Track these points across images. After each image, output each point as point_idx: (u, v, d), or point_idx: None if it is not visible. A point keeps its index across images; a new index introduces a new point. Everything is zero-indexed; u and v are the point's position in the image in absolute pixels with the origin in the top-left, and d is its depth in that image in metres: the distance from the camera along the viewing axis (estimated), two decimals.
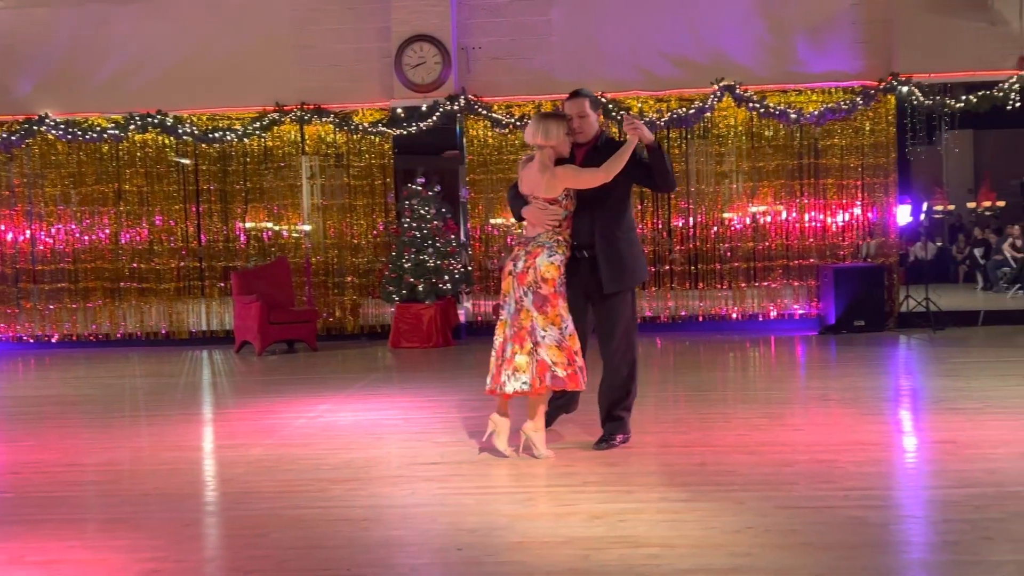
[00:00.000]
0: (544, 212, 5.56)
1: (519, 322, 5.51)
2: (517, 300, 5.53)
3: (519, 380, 5.48)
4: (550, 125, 5.60)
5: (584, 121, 5.68)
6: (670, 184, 5.79)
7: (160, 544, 4.26)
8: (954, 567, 3.71)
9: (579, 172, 5.58)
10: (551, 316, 5.49)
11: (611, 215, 5.67)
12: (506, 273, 5.63)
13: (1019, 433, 5.94)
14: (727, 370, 9.48)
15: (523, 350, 5.49)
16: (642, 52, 12.49)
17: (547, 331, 5.49)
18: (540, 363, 5.48)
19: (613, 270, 5.63)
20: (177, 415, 7.63)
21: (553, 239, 5.56)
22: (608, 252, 5.63)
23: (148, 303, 13.14)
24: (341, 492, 5.05)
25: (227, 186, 13.09)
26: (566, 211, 5.59)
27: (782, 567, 3.72)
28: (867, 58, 12.32)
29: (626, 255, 5.67)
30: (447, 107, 12.40)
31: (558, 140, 5.60)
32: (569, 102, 5.75)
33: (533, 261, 5.52)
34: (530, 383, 5.47)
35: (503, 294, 5.64)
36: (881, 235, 12.50)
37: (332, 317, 13.00)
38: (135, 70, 12.88)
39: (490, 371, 5.66)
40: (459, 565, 3.90)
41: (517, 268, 5.55)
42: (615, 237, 5.66)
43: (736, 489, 4.84)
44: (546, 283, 5.49)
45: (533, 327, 5.49)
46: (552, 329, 5.49)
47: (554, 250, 5.53)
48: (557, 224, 5.57)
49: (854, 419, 6.57)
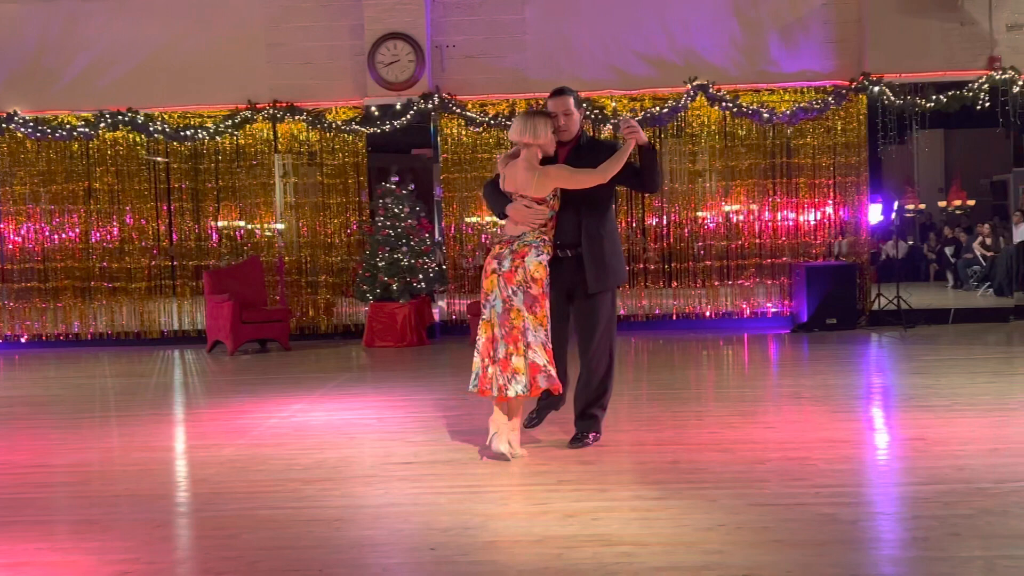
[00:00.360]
0: (531, 211, 5.53)
1: (510, 322, 5.47)
2: (506, 299, 5.48)
3: (520, 383, 5.44)
4: (538, 123, 5.58)
5: (569, 119, 5.68)
6: (657, 185, 5.84)
7: (130, 546, 4.22)
8: (923, 563, 3.74)
9: (574, 173, 5.55)
10: (540, 317, 5.49)
11: (597, 215, 5.67)
12: (489, 272, 5.57)
13: (987, 430, 6.00)
14: (700, 368, 9.52)
15: (518, 351, 5.46)
16: (615, 51, 12.52)
17: (536, 332, 5.49)
18: (532, 365, 5.46)
19: (598, 270, 5.64)
20: (148, 415, 7.57)
21: (539, 238, 5.55)
22: (593, 252, 5.64)
23: (119, 302, 13.03)
24: (313, 492, 5.03)
25: (199, 184, 12.99)
26: (552, 211, 5.58)
27: (753, 564, 3.74)
28: (839, 58, 12.40)
29: (609, 255, 5.69)
30: (421, 105, 12.38)
31: (546, 139, 5.59)
32: (553, 100, 5.73)
33: (521, 261, 5.49)
34: (528, 386, 5.46)
35: (485, 293, 5.60)
36: (853, 234, 12.59)
37: (305, 316, 12.93)
38: (105, 67, 12.76)
39: (474, 371, 5.60)
40: (432, 564, 3.90)
41: (504, 267, 5.50)
42: (600, 237, 5.67)
43: (708, 487, 4.86)
44: (536, 283, 5.48)
45: (525, 327, 5.47)
46: (540, 330, 5.50)
47: (541, 250, 5.53)
48: (543, 223, 5.56)
49: (826, 417, 6.61)
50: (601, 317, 5.71)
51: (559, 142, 5.70)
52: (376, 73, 12.34)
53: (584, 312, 5.73)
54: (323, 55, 12.66)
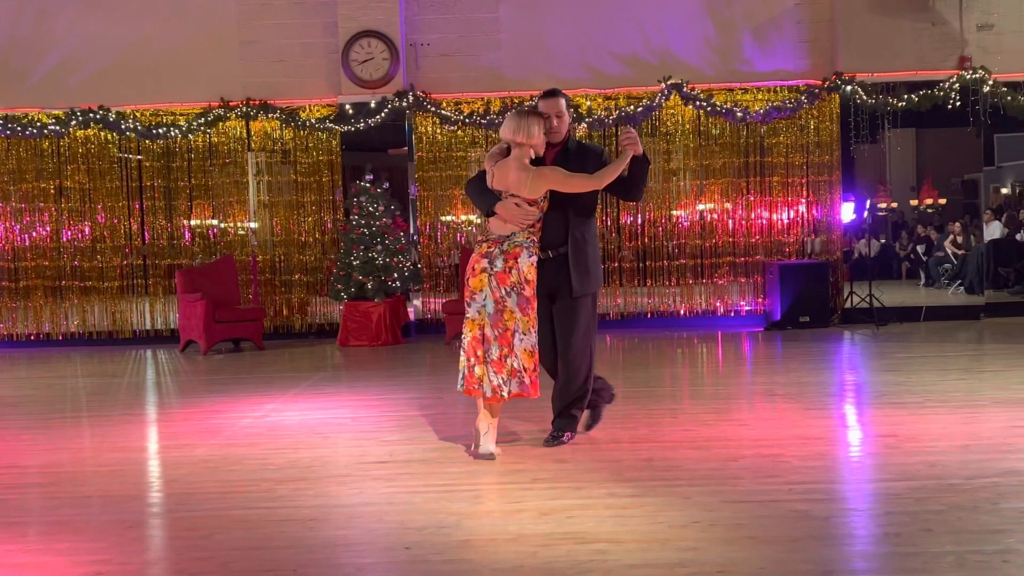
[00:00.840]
0: (521, 211, 5.51)
1: (503, 323, 5.48)
2: (498, 300, 5.47)
3: (513, 383, 5.50)
4: (532, 123, 5.56)
5: (560, 121, 5.68)
6: (641, 194, 5.90)
7: (102, 547, 4.18)
8: (895, 559, 3.77)
9: (569, 176, 5.55)
10: (531, 319, 5.52)
11: (582, 219, 5.70)
12: (478, 271, 5.53)
13: (958, 427, 6.05)
14: (675, 366, 9.55)
15: (512, 353, 5.50)
16: (590, 50, 12.53)
17: (525, 336, 5.51)
18: (511, 369, 5.50)
19: (581, 273, 5.66)
20: (120, 416, 7.51)
21: (529, 239, 5.55)
22: (577, 256, 5.66)
23: (91, 302, 12.91)
24: (287, 492, 5.00)
25: (171, 183, 12.89)
26: (542, 212, 5.58)
27: (727, 561, 3.75)
28: (811, 57, 12.48)
29: (592, 260, 5.74)
30: (395, 103, 12.35)
31: (538, 140, 5.58)
32: (545, 101, 5.73)
33: (515, 262, 5.48)
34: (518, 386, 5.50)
35: (472, 291, 5.56)
36: (826, 232, 12.68)
37: (279, 315, 12.86)
38: (76, 64, 12.65)
39: (460, 371, 5.59)
40: (406, 564, 3.89)
41: (496, 267, 5.48)
42: (584, 240, 5.70)
43: (683, 484, 4.87)
44: (528, 284, 5.50)
45: (516, 329, 5.49)
46: (530, 334, 5.52)
47: (531, 251, 5.54)
48: (531, 224, 5.55)
49: (799, 414, 6.65)
50: (581, 320, 5.71)
51: (547, 143, 5.70)
52: (350, 71, 12.30)
53: (566, 314, 5.73)
54: (297, 53, 12.61)
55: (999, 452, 5.34)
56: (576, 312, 5.70)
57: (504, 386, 5.46)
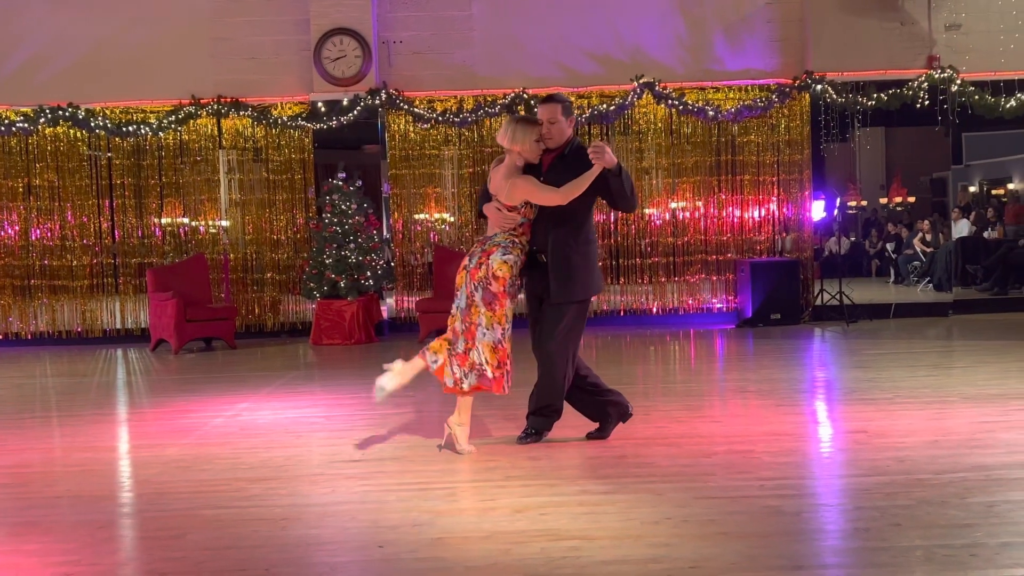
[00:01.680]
0: (501, 215, 5.57)
1: (470, 317, 5.54)
2: (468, 295, 5.55)
3: (472, 376, 5.53)
4: (517, 129, 5.57)
5: (553, 127, 5.58)
6: (630, 206, 5.70)
7: (72, 548, 4.15)
8: (865, 553, 3.81)
9: (537, 188, 5.54)
10: (497, 315, 5.53)
11: (567, 227, 5.60)
12: (460, 268, 5.65)
13: (927, 423, 6.12)
14: (647, 363, 9.59)
15: (475, 347, 5.53)
16: (563, 48, 12.56)
17: (488, 331, 5.53)
18: (472, 362, 5.53)
19: (561, 280, 5.59)
20: (90, 415, 7.45)
21: (509, 240, 5.57)
22: (556, 263, 5.60)
23: (60, 301, 12.79)
24: (260, 491, 4.98)
25: (142, 181, 12.79)
26: (524, 218, 5.59)
27: (700, 556, 3.78)
28: (782, 56, 12.56)
29: (576, 267, 5.62)
30: (368, 101, 12.31)
31: (523, 146, 5.56)
32: (542, 106, 5.68)
33: (486, 258, 5.53)
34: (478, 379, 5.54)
35: (455, 288, 5.67)
36: (796, 230, 12.77)
37: (251, 314, 12.80)
38: (45, 61, 12.52)
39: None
40: (379, 563, 3.88)
41: (471, 264, 5.56)
42: (568, 248, 5.60)
43: (655, 480, 4.90)
44: (496, 280, 5.50)
45: (479, 324, 5.53)
46: (495, 329, 5.53)
47: (508, 250, 5.54)
48: (512, 228, 5.57)
49: (770, 410, 6.70)
50: (560, 327, 5.62)
51: (545, 149, 5.64)
52: (322, 68, 12.26)
53: (547, 318, 5.70)
54: (268, 50, 12.55)
55: (967, 447, 5.40)
56: (556, 318, 5.65)
57: (464, 379, 5.51)
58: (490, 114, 12.45)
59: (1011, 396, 6.89)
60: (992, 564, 3.61)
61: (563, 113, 5.61)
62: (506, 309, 5.54)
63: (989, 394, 6.99)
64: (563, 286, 5.60)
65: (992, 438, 5.62)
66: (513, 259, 5.54)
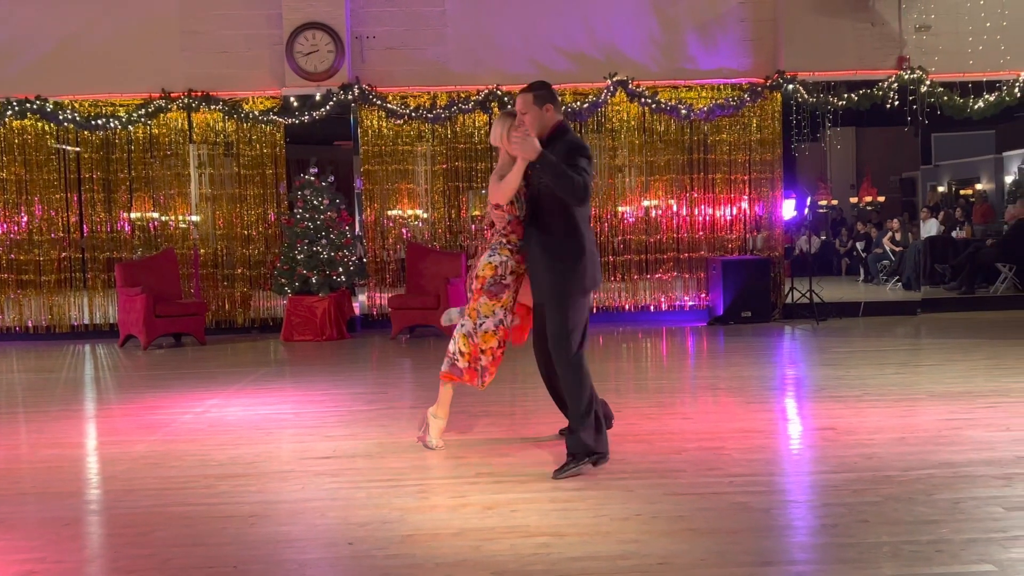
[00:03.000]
0: (493, 212, 5.49)
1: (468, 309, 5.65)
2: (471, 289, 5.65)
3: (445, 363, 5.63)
4: (496, 125, 5.54)
5: (525, 117, 5.34)
6: (571, 196, 5.11)
7: (37, 544, 4.11)
8: (832, 549, 3.84)
9: (492, 183, 5.47)
10: (470, 308, 5.57)
11: (542, 224, 5.34)
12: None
13: (895, 420, 6.17)
14: (619, 361, 9.61)
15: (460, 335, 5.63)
16: (536, 45, 12.56)
17: (465, 322, 5.57)
18: (448, 351, 5.61)
19: (537, 281, 5.36)
20: (57, 411, 7.38)
21: (499, 241, 5.53)
22: (531, 263, 5.41)
23: (27, 295, 12.65)
24: (228, 488, 4.95)
25: (111, 175, 12.67)
26: (510, 215, 5.46)
27: (669, 553, 3.79)
28: (754, 56, 12.63)
29: (547, 267, 5.28)
30: (341, 96, 12.26)
31: (497, 140, 5.51)
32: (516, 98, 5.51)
33: (487, 259, 5.52)
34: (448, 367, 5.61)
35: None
36: (767, 229, 12.84)
37: (221, 310, 12.71)
38: (12, 53, 12.37)
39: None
40: (348, 559, 3.87)
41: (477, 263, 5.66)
42: (544, 246, 5.31)
43: (626, 477, 4.91)
44: (478, 279, 5.51)
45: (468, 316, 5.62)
46: (468, 321, 5.55)
47: (496, 251, 5.51)
48: (501, 227, 5.52)
49: (740, 408, 6.73)
50: (551, 328, 5.29)
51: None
52: (294, 63, 12.19)
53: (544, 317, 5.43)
54: (240, 44, 12.46)
55: (934, 444, 5.46)
56: (548, 317, 5.33)
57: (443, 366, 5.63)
58: (463, 110, 12.43)
59: (977, 394, 6.96)
60: (958, 560, 3.64)
61: (535, 102, 5.34)
62: (479, 304, 5.52)
63: (956, 392, 7.06)
64: (539, 286, 5.34)
65: (959, 435, 5.67)
66: (499, 259, 5.47)
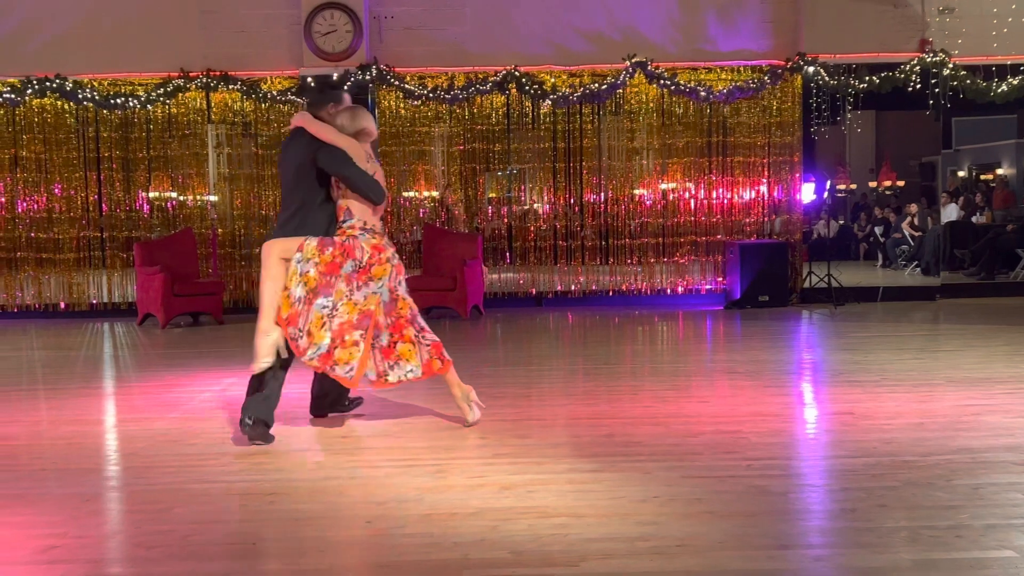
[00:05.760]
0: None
1: (397, 311, 5.57)
2: (392, 290, 5.56)
3: (404, 369, 5.53)
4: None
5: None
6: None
7: (58, 520, 4.14)
8: (851, 533, 3.83)
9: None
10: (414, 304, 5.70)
11: None
12: (383, 260, 5.50)
13: (913, 405, 6.14)
14: (636, 344, 9.60)
15: (404, 339, 5.55)
16: (555, 26, 12.49)
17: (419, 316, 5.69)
18: (433, 345, 5.59)
19: None
20: (77, 389, 7.43)
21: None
22: None
23: (47, 274, 12.72)
24: (247, 466, 4.98)
25: (129, 154, 12.70)
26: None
27: (686, 535, 3.79)
28: (775, 38, 12.53)
29: None
30: (358, 77, 12.23)
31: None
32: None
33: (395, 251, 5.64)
34: (422, 368, 5.54)
35: (370, 278, 5.46)
36: (786, 213, 12.77)
37: (239, 289, 12.75)
38: (33, 31, 12.39)
39: (352, 362, 5.39)
40: (366, 537, 3.88)
41: (395, 260, 5.60)
42: None
43: (643, 459, 4.91)
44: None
45: (413, 315, 5.62)
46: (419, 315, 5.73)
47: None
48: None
49: (757, 391, 6.72)
50: None
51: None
52: (312, 43, 12.16)
53: None
54: (258, 23, 12.44)
55: (952, 430, 5.43)
56: None
57: (391, 371, 5.52)
58: (481, 91, 12.40)
59: (996, 380, 6.93)
60: (977, 545, 3.63)
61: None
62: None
63: (975, 378, 7.02)
64: None
65: (977, 421, 5.65)
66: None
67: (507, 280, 12.89)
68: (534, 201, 12.89)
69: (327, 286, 5.39)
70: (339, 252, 5.42)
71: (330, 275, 5.39)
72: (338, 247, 5.43)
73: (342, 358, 5.35)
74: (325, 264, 5.39)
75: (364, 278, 5.45)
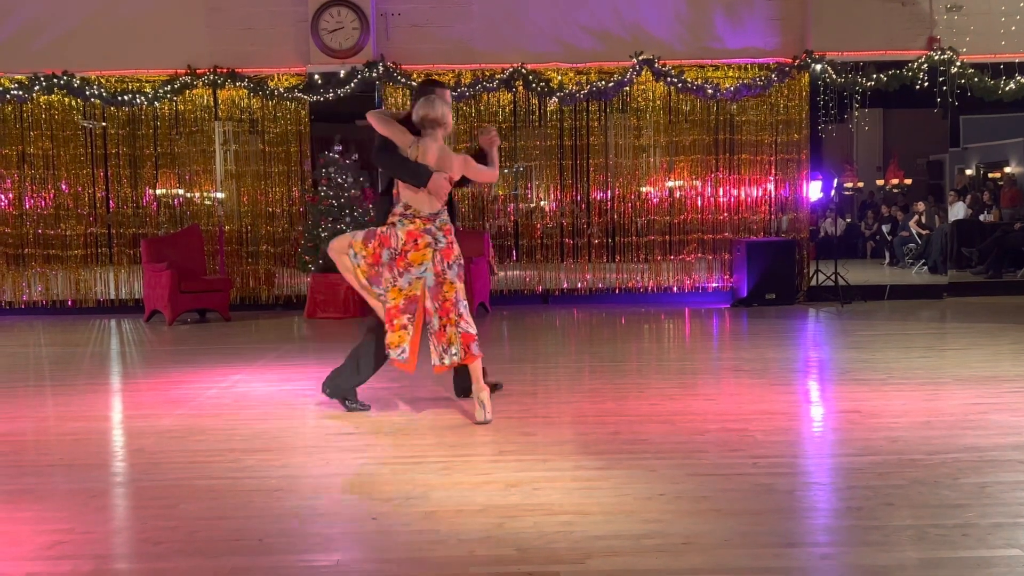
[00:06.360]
0: (447, 188, 5.73)
1: (443, 295, 5.67)
2: (439, 274, 5.67)
3: (450, 352, 5.68)
4: (439, 104, 5.88)
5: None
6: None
7: (65, 516, 4.15)
8: (857, 532, 3.82)
9: (485, 166, 5.99)
10: (464, 289, 5.76)
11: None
12: (422, 245, 5.65)
13: (920, 404, 6.13)
14: (642, 341, 9.60)
15: (451, 323, 5.68)
16: (562, 24, 12.48)
17: (466, 303, 5.75)
18: (464, 335, 5.68)
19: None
20: (84, 385, 7.44)
21: (447, 216, 5.84)
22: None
23: (54, 270, 12.75)
24: (253, 463, 4.99)
25: (137, 151, 12.72)
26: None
27: (692, 532, 3.79)
28: (782, 35, 12.50)
29: None
30: (365, 74, 12.24)
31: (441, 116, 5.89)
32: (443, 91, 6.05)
33: (452, 237, 5.74)
34: (460, 354, 5.68)
35: (409, 264, 5.66)
36: (793, 210, 12.75)
37: (246, 286, 12.76)
38: (40, 28, 12.41)
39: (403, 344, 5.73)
40: (372, 534, 3.89)
41: (441, 243, 5.68)
42: None
43: (649, 457, 4.91)
44: (461, 256, 5.79)
45: (457, 299, 5.71)
46: (465, 301, 5.75)
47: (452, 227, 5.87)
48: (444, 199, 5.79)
49: (764, 389, 6.71)
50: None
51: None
52: (319, 40, 12.17)
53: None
54: (265, 20, 12.45)
55: (959, 428, 5.42)
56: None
57: (445, 355, 5.68)
58: (488, 89, 12.39)
59: (1004, 378, 6.91)
60: (984, 544, 3.62)
61: None
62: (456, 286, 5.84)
63: (982, 376, 7.01)
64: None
65: (985, 420, 5.64)
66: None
67: (513, 277, 12.89)
68: (540, 198, 12.88)
69: (376, 276, 5.75)
70: (377, 243, 5.72)
71: (376, 265, 5.73)
72: (378, 238, 5.73)
73: (393, 341, 5.72)
74: (370, 255, 5.73)
75: (403, 265, 5.68)
